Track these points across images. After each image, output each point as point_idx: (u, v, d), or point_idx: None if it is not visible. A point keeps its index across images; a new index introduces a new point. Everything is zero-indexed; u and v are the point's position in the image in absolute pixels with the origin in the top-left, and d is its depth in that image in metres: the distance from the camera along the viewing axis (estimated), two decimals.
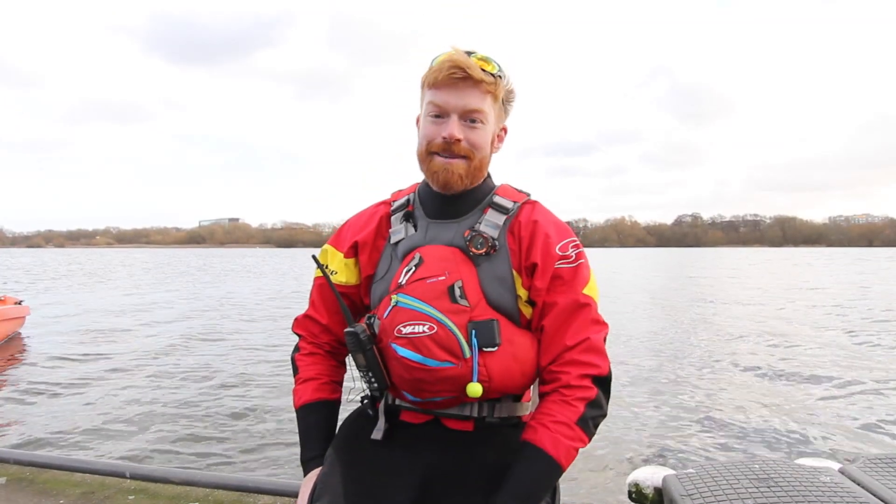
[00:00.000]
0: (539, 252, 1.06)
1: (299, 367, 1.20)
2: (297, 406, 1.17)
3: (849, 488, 1.54)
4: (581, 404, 0.99)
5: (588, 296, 1.05)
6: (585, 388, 1.00)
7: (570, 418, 0.98)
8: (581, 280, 1.06)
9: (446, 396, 1.01)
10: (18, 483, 2.60)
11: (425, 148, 1.08)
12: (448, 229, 1.09)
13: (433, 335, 0.97)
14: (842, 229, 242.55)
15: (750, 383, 6.18)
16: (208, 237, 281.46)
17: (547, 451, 0.97)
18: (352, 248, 1.16)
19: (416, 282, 1.02)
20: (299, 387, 1.18)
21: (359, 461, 1.08)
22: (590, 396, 1.00)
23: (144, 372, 6.65)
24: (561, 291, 1.04)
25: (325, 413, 1.17)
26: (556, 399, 1.00)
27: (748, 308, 13.54)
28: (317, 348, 1.21)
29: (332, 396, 1.18)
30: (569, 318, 1.03)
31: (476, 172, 1.09)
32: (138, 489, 2.52)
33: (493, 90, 1.06)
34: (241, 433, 4.46)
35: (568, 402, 0.99)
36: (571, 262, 1.06)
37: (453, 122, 1.04)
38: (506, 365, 1.01)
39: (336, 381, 1.21)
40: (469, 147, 1.06)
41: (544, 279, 1.04)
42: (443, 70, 1.03)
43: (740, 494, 1.52)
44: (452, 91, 1.04)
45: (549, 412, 0.99)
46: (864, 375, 6.49)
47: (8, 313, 8.43)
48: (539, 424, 0.99)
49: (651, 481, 1.77)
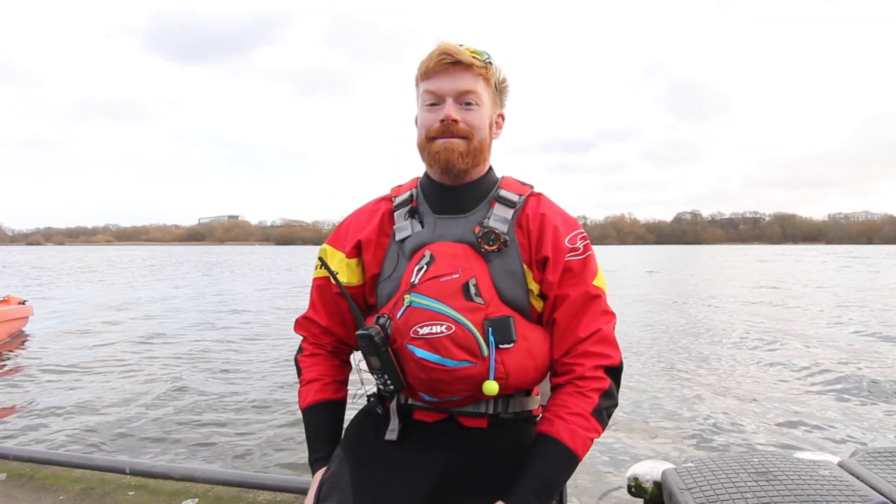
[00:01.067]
0: (549, 245, 1.05)
1: (302, 368, 1.20)
2: (303, 408, 1.16)
3: (848, 482, 1.54)
4: (596, 395, 1.00)
5: (598, 287, 1.06)
6: (599, 378, 1.01)
7: (586, 409, 0.99)
8: (591, 272, 1.07)
9: (463, 395, 1.01)
10: (18, 479, 2.61)
11: (424, 135, 1.08)
12: (456, 225, 1.08)
13: (451, 335, 0.96)
14: (841, 227, 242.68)
15: (749, 377, 6.18)
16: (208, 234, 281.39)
17: (564, 442, 0.97)
18: (355, 248, 1.14)
19: (430, 280, 1.00)
20: (303, 388, 1.17)
21: (369, 461, 1.07)
22: (604, 387, 1.01)
23: (145, 368, 6.65)
24: (572, 284, 1.05)
25: (329, 413, 1.16)
26: (570, 391, 1.01)
27: (747, 303, 13.55)
28: (319, 349, 1.20)
29: (336, 396, 1.17)
30: (581, 310, 1.04)
31: (476, 153, 1.07)
32: (138, 485, 2.52)
33: (484, 73, 1.06)
34: (242, 428, 4.46)
35: (583, 393, 1.00)
36: (580, 254, 1.07)
37: (449, 104, 1.04)
38: (521, 361, 1.00)
39: (340, 381, 1.20)
40: (467, 128, 1.06)
41: (556, 272, 1.05)
42: (433, 58, 1.04)
43: (739, 488, 1.52)
44: (444, 76, 1.05)
45: (564, 404, 1.00)
46: (862, 369, 6.50)
47: (12, 313, 8.43)
48: (555, 416, 1.00)
49: (650, 475, 1.77)
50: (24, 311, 8.95)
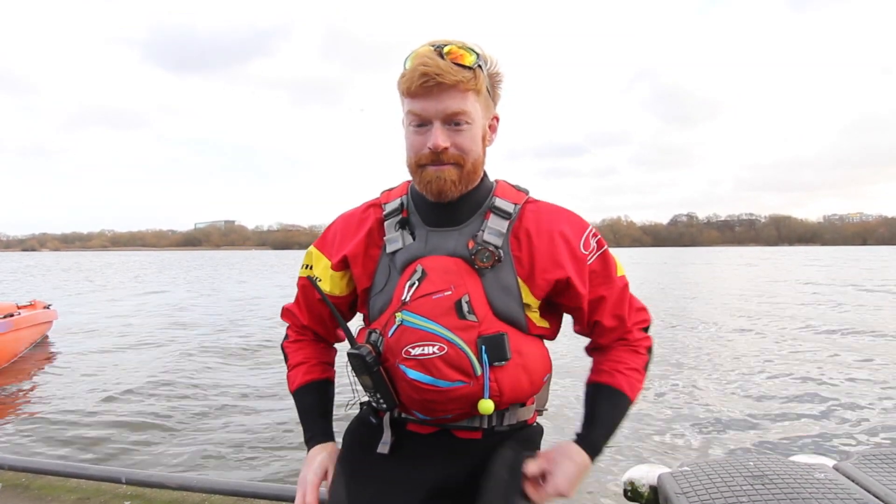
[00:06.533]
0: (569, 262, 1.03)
1: (288, 353, 1.21)
2: (292, 391, 1.18)
3: (843, 485, 1.55)
4: (646, 352, 1.13)
5: (622, 277, 1.11)
6: (645, 338, 1.14)
7: (640, 364, 1.11)
8: (612, 265, 1.09)
9: (457, 413, 1.00)
10: (14, 489, 2.59)
11: (414, 161, 1.01)
12: (449, 238, 1.03)
13: (444, 356, 0.94)
14: (836, 228, 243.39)
15: (744, 380, 6.19)
16: (204, 239, 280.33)
17: (626, 392, 1.08)
18: (341, 262, 1.10)
19: (421, 298, 0.97)
20: (291, 373, 1.19)
21: (363, 473, 1.06)
22: (650, 344, 1.14)
23: (145, 377, 6.61)
24: (601, 284, 1.08)
25: (318, 392, 1.17)
26: (626, 348, 1.12)
27: (741, 305, 13.58)
28: (302, 335, 1.21)
29: (323, 376, 1.19)
30: (619, 305, 1.10)
31: (470, 176, 1.03)
32: (134, 494, 2.51)
33: (473, 86, 0.97)
34: (237, 437, 4.44)
35: (636, 350, 1.12)
36: (597, 252, 1.08)
37: (437, 129, 0.97)
38: (516, 377, 0.99)
39: (326, 362, 1.21)
40: (458, 153, 0.99)
41: (585, 284, 1.06)
42: (415, 80, 0.95)
43: (735, 492, 1.53)
44: (429, 98, 0.96)
45: (621, 359, 1.10)
46: (858, 372, 6.52)
47: (37, 318, 8.42)
48: (614, 370, 1.09)
49: (646, 479, 1.77)
50: (48, 316, 8.96)
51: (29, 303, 8.95)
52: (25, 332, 7.84)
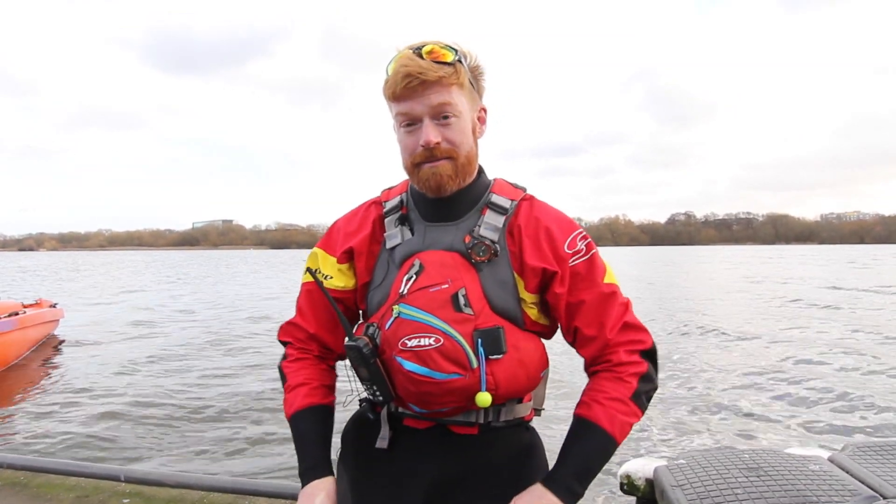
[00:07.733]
0: (550, 257, 1.02)
1: (287, 374, 1.14)
2: (290, 415, 1.10)
3: (837, 476, 1.56)
4: (634, 380, 1.00)
5: (610, 284, 1.04)
6: (636, 363, 1.01)
7: (625, 394, 0.99)
8: (599, 270, 1.04)
9: (453, 406, 1.00)
10: (12, 487, 2.59)
11: (410, 161, 1.03)
12: (446, 233, 1.05)
13: (440, 347, 0.95)
14: (833, 227, 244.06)
15: (738, 374, 6.22)
16: (202, 239, 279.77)
17: (603, 426, 0.98)
18: (346, 254, 1.11)
19: (418, 291, 0.98)
20: (290, 395, 1.11)
21: (363, 470, 1.06)
22: (641, 371, 1.01)
23: (145, 377, 6.62)
24: (583, 288, 1.02)
25: (318, 418, 1.10)
26: (608, 376, 1.01)
27: (736, 300, 13.62)
28: (304, 354, 1.16)
29: (324, 401, 1.12)
30: (600, 312, 1.02)
31: (465, 168, 1.04)
32: (133, 492, 2.51)
33: (456, 80, 0.99)
34: (236, 435, 4.45)
35: (621, 378, 1.00)
36: (584, 255, 1.04)
37: (426, 126, 0.99)
38: (512, 371, 0.99)
39: (327, 386, 1.14)
40: (449, 146, 1.01)
41: (564, 283, 1.02)
42: (398, 83, 0.97)
43: (730, 484, 1.54)
44: (415, 98, 0.98)
45: (602, 389, 1.00)
46: (852, 364, 6.56)
47: (43, 317, 8.43)
48: (593, 401, 1.00)
49: (642, 472, 1.78)
50: (54, 315, 8.97)
51: (35, 301, 8.97)
52: (30, 330, 7.84)
